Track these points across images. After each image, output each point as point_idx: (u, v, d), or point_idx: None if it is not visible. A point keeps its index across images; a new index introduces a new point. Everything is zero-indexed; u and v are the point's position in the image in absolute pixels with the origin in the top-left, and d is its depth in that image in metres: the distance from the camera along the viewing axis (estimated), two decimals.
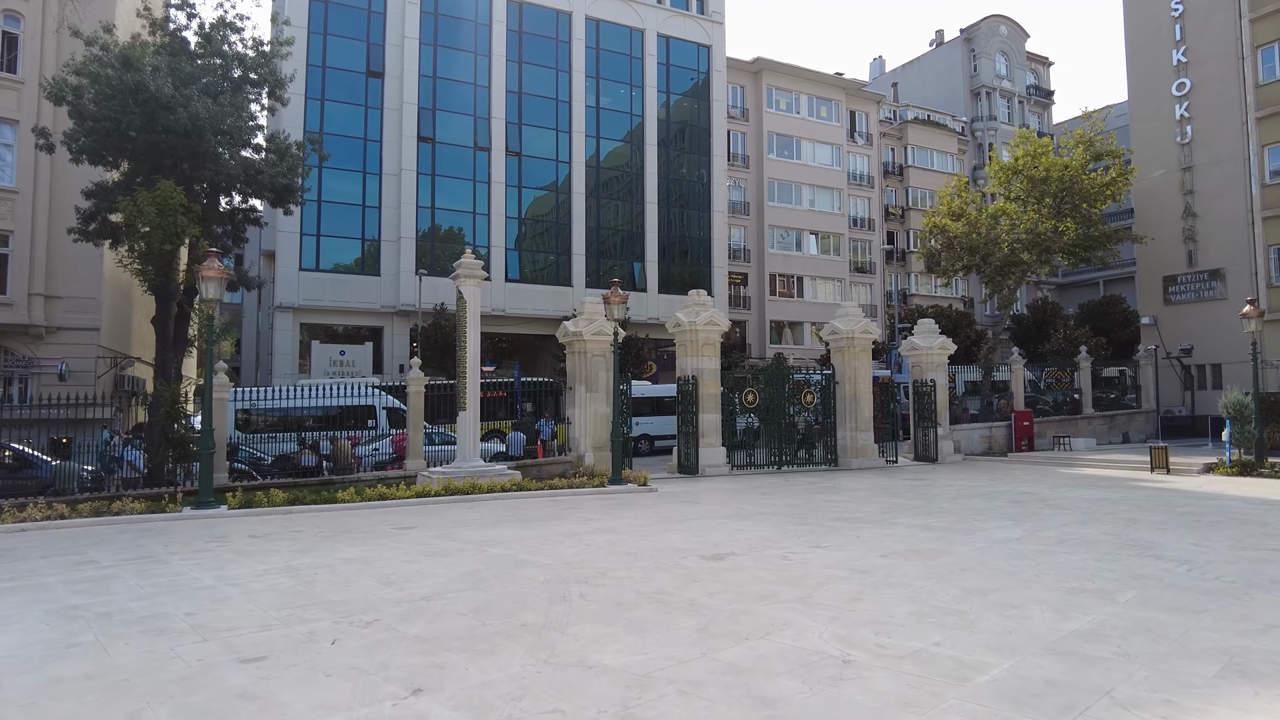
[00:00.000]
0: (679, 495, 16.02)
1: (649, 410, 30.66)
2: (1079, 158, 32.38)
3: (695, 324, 21.88)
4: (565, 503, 14.61)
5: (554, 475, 20.13)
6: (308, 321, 36.60)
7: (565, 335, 21.49)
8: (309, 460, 18.63)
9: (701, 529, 11.08)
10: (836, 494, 16.30)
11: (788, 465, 23.43)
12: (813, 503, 14.55)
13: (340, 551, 9.55)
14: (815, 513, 13.05)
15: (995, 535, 10.44)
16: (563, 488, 16.03)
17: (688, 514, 12.89)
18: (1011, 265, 32.72)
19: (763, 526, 11.34)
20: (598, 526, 11.34)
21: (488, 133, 38.79)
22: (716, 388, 22.29)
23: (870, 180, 58.71)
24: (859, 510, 13.41)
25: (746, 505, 14.13)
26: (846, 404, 24.48)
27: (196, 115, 18.76)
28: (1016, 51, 68.59)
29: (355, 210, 37.02)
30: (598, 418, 20.94)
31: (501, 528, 11.35)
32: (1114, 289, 62.29)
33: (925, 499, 15.09)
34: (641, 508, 13.75)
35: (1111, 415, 32.31)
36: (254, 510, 13.45)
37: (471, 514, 12.99)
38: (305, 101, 35.93)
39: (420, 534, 10.89)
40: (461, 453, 16.73)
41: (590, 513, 13.08)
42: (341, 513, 13.50)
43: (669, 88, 44.35)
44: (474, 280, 17.07)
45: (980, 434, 28.58)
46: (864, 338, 24.82)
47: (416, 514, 13.14)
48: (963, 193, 35.71)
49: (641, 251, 42.30)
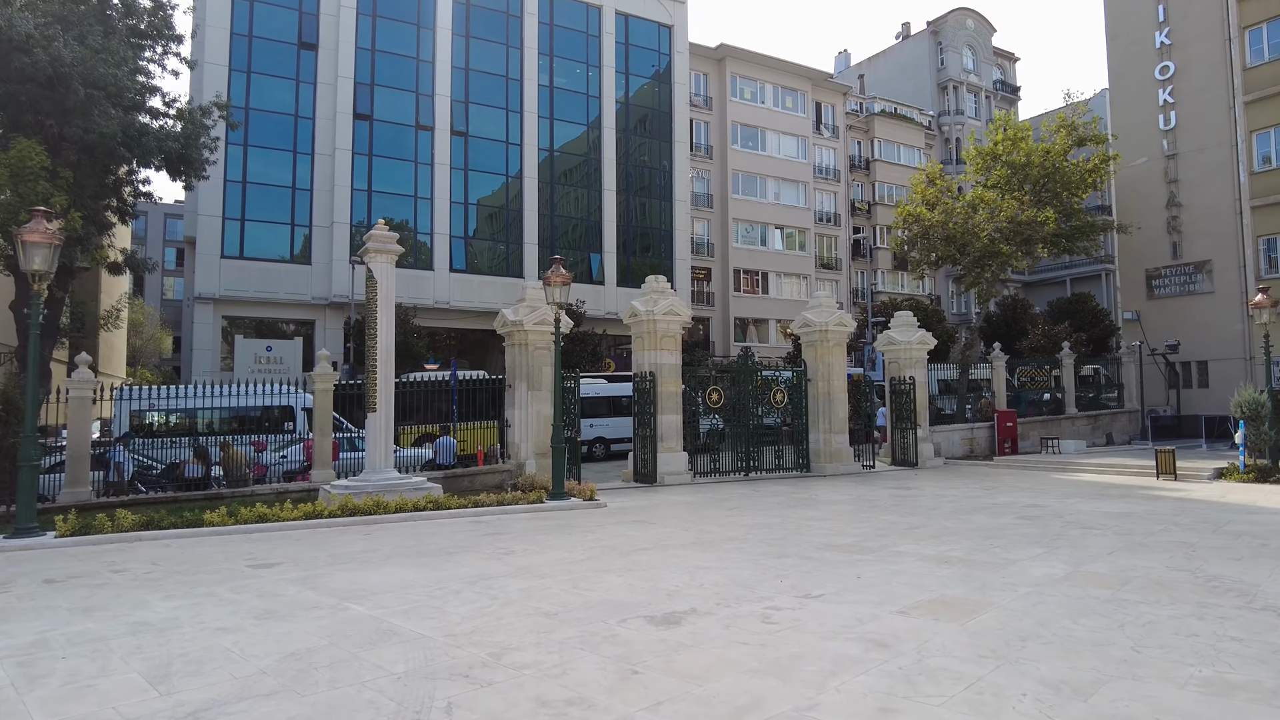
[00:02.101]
0: (631, 512, 13.42)
1: (605, 411, 28.05)
2: (1061, 143, 30.50)
3: (654, 314, 19.32)
4: (488, 526, 11.90)
5: (489, 486, 17.42)
6: (231, 314, 33.33)
7: (504, 325, 18.76)
8: (194, 470, 15.64)
9: (653, 566, 8.50)
10: (815, 508, 13.85)
11: (755, 471, 21.02)
12: (790, 522, 12.07)
13: (144, 610, 6.77)
14: (795, 537, 10.55)
15: (1033, 572, 8.03)
16: (490, 505, 13.31)
17: (638, 541, 10.29)
18: (990, 256, 30.72)
19: (733, 560, 8.79)
20: (517, 564, 8.68)
21: (431, 111, 35.83)
22: (678, 385, 19.75)
23: (837, 174, 56.86)
24: (848, 532, 10.94)
25: (712, 527, 11.57)
26: (819, 404, 22.13)
27: (59, 59, 15.71)
28: (983, 46, 67.48)
29: (284, 193, 33.81)
30: (540, 419, 18.27)
31: (390, 566, 8.63)
32: (1081, 286, 61.42)
33: (921, 515, 12.71)
34: (582, 532, 11.12)
35: (1095, 416, 30.51)
36: (87, 539, 10.54)
37: (361, 544, 10.23)
38: (229, 73, 32.67)
39: (277, 576, 8.15)
40: (370, 462, 13.93)
41: (515, 540, 10.42)
42: (200, 541, 10.65)
43: (628, 69, 41.80)
44: (386, 256, 14.29)
45: (961, 436, 26.46)
46: (838, 331, 22.50)
47: (292, 544, 10.35)
48: (937, 180, 33.64)
49: (599, 242, 39.65)
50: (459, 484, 16.98)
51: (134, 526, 11.05)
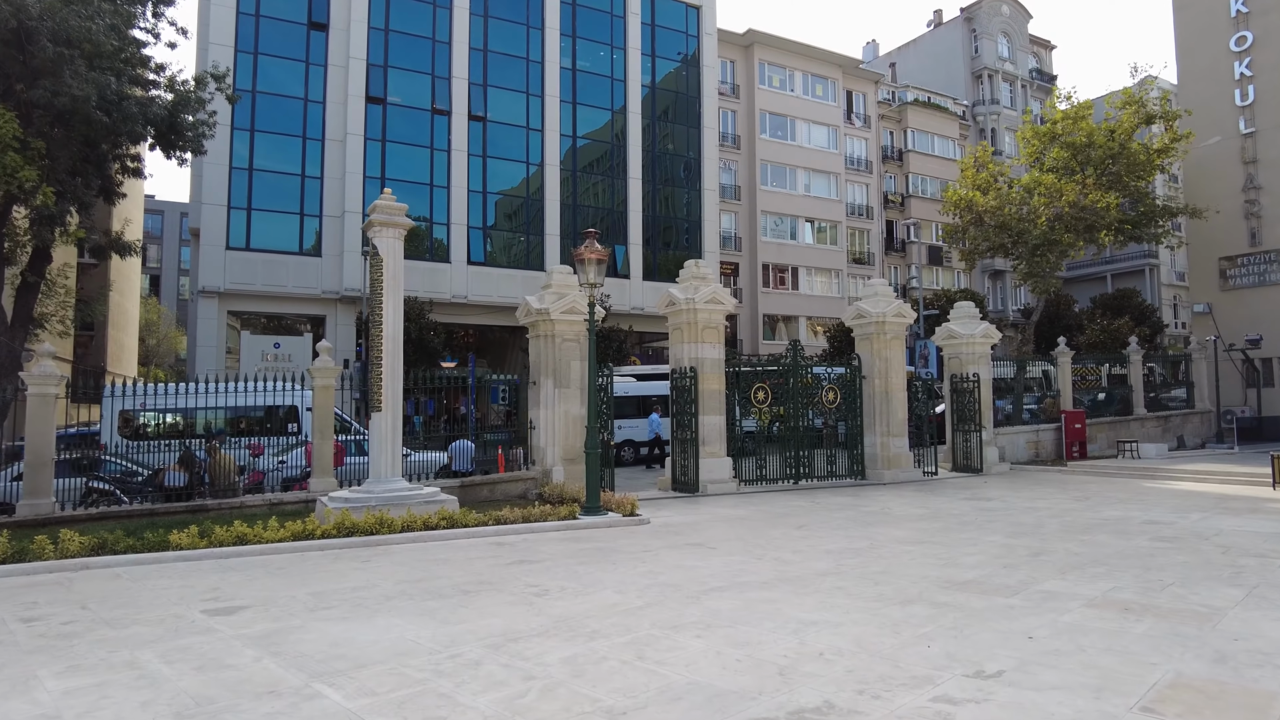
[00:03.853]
0: (680, 531, 11.28)
1: (633, 411, 25.95)
2: (1127, 120, 28.02)
3: (694, 302, 17.17)
4: (513, 550, 9.79)
5: (511, 497, 15.35)
6: (237, 309, 31.52)
7: (528, 315, 16.67)
8: (175, 479, 13.66)
9: (739, 619, 6.35)
10: (897, 526, 11.65)
11: (806, 479, 18.83)
12: (879, 546, 9.88)
13: (18, 698, 4.71)
14: (901, 569, 8.37)
15: (1267, 630, 5.82)
16: (514, 521, 11.19)
17: (704, 575, 8.15)
18: (1049, 245, 28.30)
19: (842, 609, 6.63)
20: (555, 614, 6.55)
21: (448, 94, 33.84)
22: (721, 383, 17.60)
23: (868, 165, 54.46)
24: (962, 562, 8.74)
25: (787, 553, 9.41)
26: (876, 403, 19.89)
27: (24, 8, 13.84)
28: (1019, 33, 64.84)
29: (293, 181, 31.92)
30: (569, 421, 16.16)
31: (387, 615, 6.54)
32: (1122, 282, 58.68)
33: (1032, 535, 10.47)
34: (629, 560, 8.99)
35: (1165, 417, 28.00)
36: (20, 567, 8.54)
37: (356, 576, 8.15)
38: (235, 54, 30.81)
39: (235, 631, 6.08)
40: (374, 470, 11.86)
41: (548, 573, 8.30)
42: (160, 570, 8.63)
43: (654, 52, 39.63)
44: (393, 230, 12.24)
45: (1026, 439, 24.10)
46: (897, 322, 20.25)
47: (271, 575, 8.30)
48: (988, 164, 31.26)
49: (624, 234, 37.49)
50: (477, 494, 14.93)
51: (82, 551, 9.04)
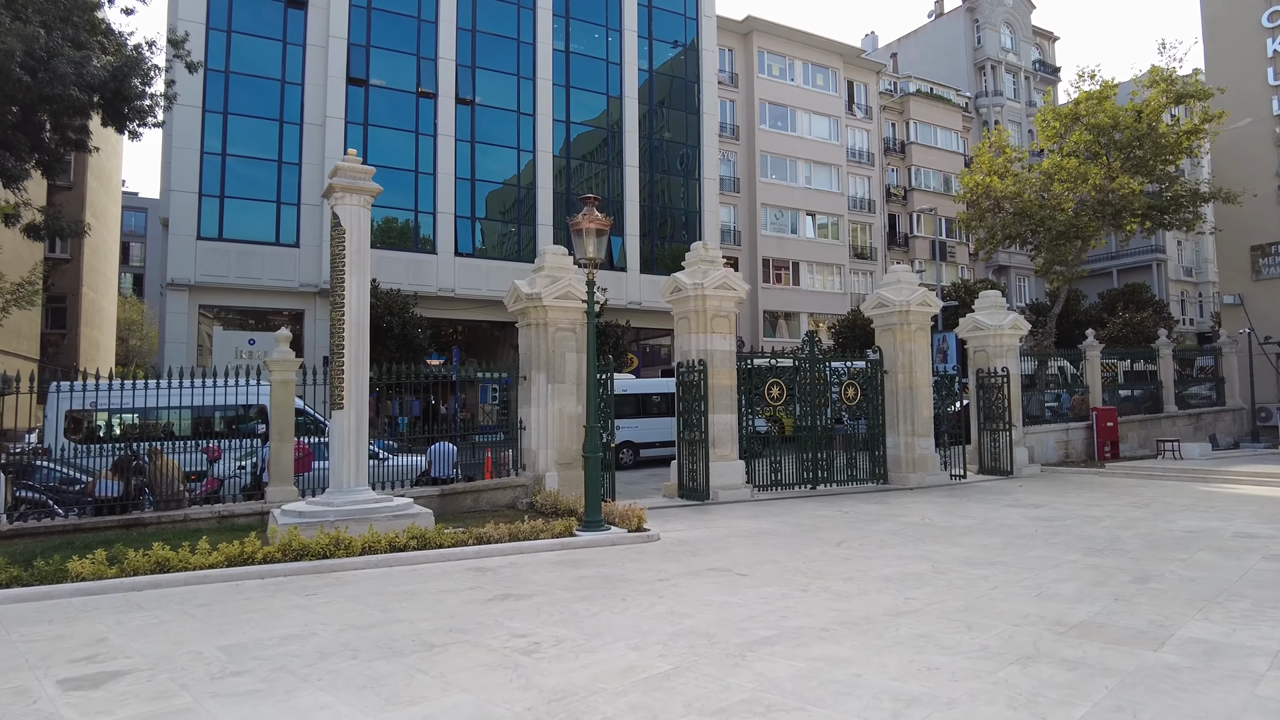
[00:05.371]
0: (698, 550, 9.49)
1: (631, 411, 24.14)
2: (1155, 100, 26.38)
3: (703, 287, 15.40)
4: (496, 579, 7.97)
5: (499, 507, 13.54)
6: (209, 303, 29.60)
7: (517, 301, 14.85)
8: (107, 489, 11.78)
9: (805, 693, 4.56)
10: (950, 543, 9.89)
11: (825, 483, 17.09)
12: (942, 568, 8.11)
13: None
14: (987, 605, 6.60)
15: None
16: (499, 540, 9.36)
17: (742, 617, 6.36)
18: (1072, 233, 26.64)
19: (944, 675, 4.85)
20: (550, 685, 4.73)
21: (434, 76, 32.01)
22: (732, 378, 15.83)
23: (870, 158, 52.83)
24: (1059, 593, 6.98)
25: (836, 582, 7.63)
26: (899, 400, 18.15)
27: None
28: (1022, 23, 63.45)
29: (269, 167, 30.06)
30: (564, 420, 14.36)
31: (314, 687, 4.73)
32: (1129, 278, 57.33)
33: (1119, 555, 8.73)
34: (643, 594, 7.20)
35: (1197, 414, 26.38)
36: None
37: (291, 621, 6.34)
38: (206, 32, 28.94)
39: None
40: (335, 478, 10.04)
41: (539, 614, 6.50)
42: (45, 610, 6.80)
43: (652, 34, 37.86)
44: (358, 195, 10.44)
45: (1056, 438, 22.41)
46: (921, 311, 18.51)
47: (185, 617, 6.49)
48: (1006, 149, 29.60)
49: (621, 225, 35.67)
50: (459, 503, 13.12)
51: None
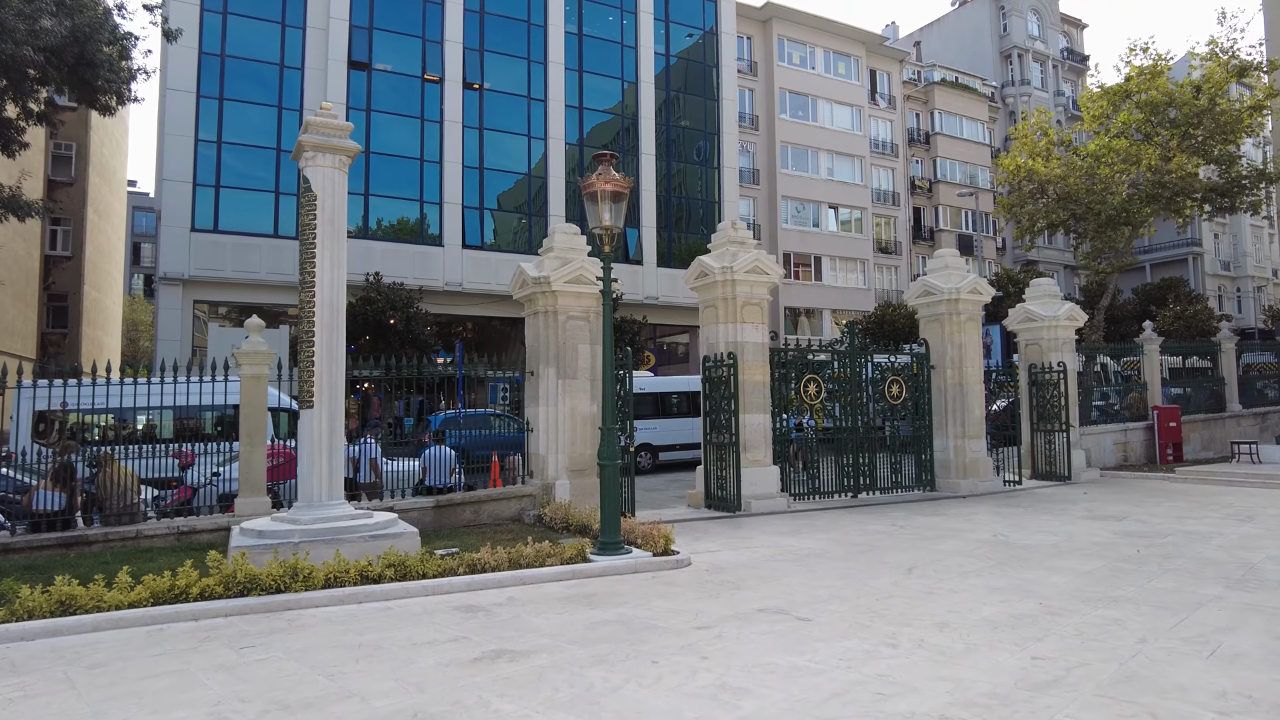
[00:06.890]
0: (740, 580, 7.76)
1: (650, 411, 22.44)
2: (1215, 74, 24.38)
3: (733, 271, 13.66)
4: (488, 626, 6.24)
5: (502, 520, 11.85)
6: (204, 298, 28.21)
7: (524, 286, 13.15)
8: (47, 501, 10.17)
9: None
10: (1046, 569, 8.10)
11: (867, 491, 15.32)
12: (1054, 608, 6.34)
13: None
14: (1142, 666, 4.85)
15: None
16: (497, 568, 7.63)
17: (818, 691, 4.63)
18: (1123, 219, 24.67)
19: None
20: None
21: (440, 60, 30.44)
22: (765, 373, 14.07)
23: (894, 149, 50.84)
24: (1236, 649, 5.21)
25: (926, 627, 5.89)
26: (948, 398, 16.35)
27: None
28: (1050, 10, 61.27)
29: (267, 155, 28.59)
30: (576, 421, 12.66)
31: None
32: (1163, 272, 55.27)
33: (1265, 587, 6.94)
34: (676, 652, 5.47)
35: (1263, 414, 24.37)
36: None
37: (197, 698, 4.66)
38: (201, 14, 27.55)
39: None
40: (304, 490, 8.39)
41: (538, 690, 4.78)
42: None
43: (668, 17, 36.15)
44: (332, 155, 8.77)
45: (1114, 440, 20.51)
46: (972, 301, 16.70)
47: (55, 691, 4.84)
48: (1049, 131, 27.66)
49: (636, 216, 34.00)
50: (458, 515, 11.44)
51: None
